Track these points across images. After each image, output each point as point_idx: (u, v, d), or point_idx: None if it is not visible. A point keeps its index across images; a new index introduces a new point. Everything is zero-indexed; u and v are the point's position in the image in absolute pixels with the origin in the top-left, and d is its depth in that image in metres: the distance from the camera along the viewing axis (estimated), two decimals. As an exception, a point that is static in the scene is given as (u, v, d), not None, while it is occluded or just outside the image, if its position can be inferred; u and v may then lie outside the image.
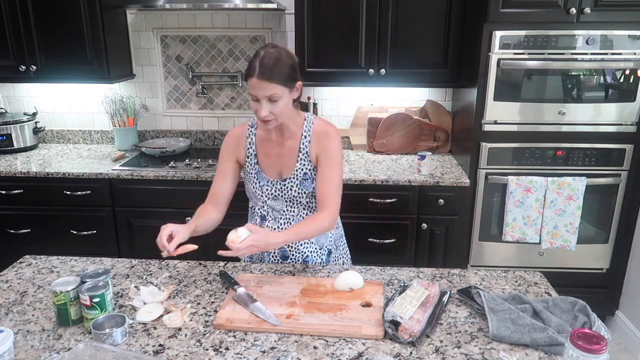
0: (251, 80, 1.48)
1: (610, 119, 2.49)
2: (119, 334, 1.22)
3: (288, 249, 1.72)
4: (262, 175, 1.67)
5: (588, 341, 0.99)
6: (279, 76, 1.47)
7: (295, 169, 1.64)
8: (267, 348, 1.21)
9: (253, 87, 1.48)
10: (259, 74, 1.46)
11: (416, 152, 2.77)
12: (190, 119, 3.25)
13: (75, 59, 2.80)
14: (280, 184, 1.66)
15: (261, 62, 1.47)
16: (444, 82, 2.79)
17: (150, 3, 2.63)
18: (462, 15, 2.62)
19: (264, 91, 1.47)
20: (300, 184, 1.65)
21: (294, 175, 1.64)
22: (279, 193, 1.67)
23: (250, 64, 1.49)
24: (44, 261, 1.67)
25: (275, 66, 1.47)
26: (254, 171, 1.68)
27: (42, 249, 2.67)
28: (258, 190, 1.68)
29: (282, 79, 1.48)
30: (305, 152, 1.64)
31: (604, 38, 2.37)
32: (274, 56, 1.48)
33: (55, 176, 2.66)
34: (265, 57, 1.47)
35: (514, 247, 2.68)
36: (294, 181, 1.65)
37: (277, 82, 1.47)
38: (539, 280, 1.55)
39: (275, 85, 1.47)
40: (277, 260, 1.73)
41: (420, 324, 1.24)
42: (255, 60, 1.48)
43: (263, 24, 3.03)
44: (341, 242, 1.87)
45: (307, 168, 1.64)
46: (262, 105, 1.50)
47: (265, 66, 1.46)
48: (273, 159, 1.67)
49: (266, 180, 1.67)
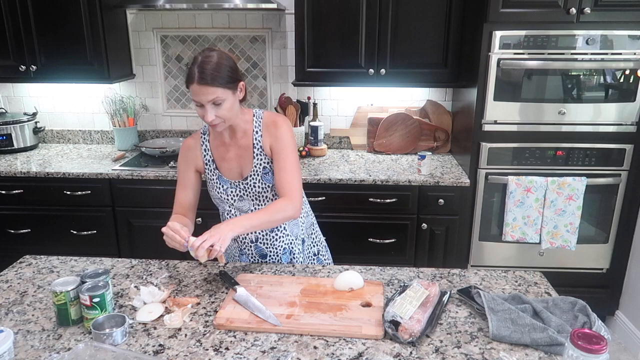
0: (192, 87, 1.47)
1: (610, 119, 2.49)
2: (119, 334, 1.22)
3: (264, 246, 1.73)
4: (224, 179, 1.68)
5: (588, 341, 0.99)
6: (219, 79, 1.47)
7: (254, 166, 1.65)
8: (267, 348, 1.21)
9: (195, 94, 1.48)
10: (199, 79, 1.45)
11: (416, 152, 2.78)
12: (190, 119, 3.25)
13: (75, 59, 2.80)
14: (243, 184, 1.67)
15: (200, 67, 1.46)
16: (444, 82, 2.79)
17: (150, 3, 2.63)
18: (462, 15, 2.63)
19: (206, 96, 1.47)
20: (262, 179, 1.66)
21: (254, 171, 1.65)
22: (244, 193, 1.67)
23: (189, 71, 1.49)
24: (44, 261, 1.67)
25: (214, 70, 1.47)
26: (215, 177, 1.69)
27: (42, 249, 2.67)
28: (223, 194, 1.69)
29: (223, 82, 1.48)
30: (259, 147, 1.65)
31: (604, 38, 2.37)
32: (212, 60, 1.48)
33: (55, 176, 2.66)
34: (204, 62, 1.47)
35: (514, 247, 2.68)
36: (256, 177, 1.65)
37: (218, 85, 1.47)
38: (539, 280, 1.55)
39: (216, 89, 1.47)
40: (256, 259, 1.74)
41: (420, 324, 1.24)
42: (193, 66, 1.48)
43: (263, 24, 3.03)
44: (313, 230, 1.88)
45: (264, 162, 1.66)
46: (207, 110, 1.49)
47: (204, 71, 1.46)
48: (231, 162, 1.68)
49: (229, 183, 1.68)
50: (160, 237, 2.88)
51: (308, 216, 1.86)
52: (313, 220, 1.91)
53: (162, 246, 2.93)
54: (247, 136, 1.66)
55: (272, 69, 3.11)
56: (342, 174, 2.63)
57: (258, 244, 1.73)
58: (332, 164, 2.83)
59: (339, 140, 3.19)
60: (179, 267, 1.64)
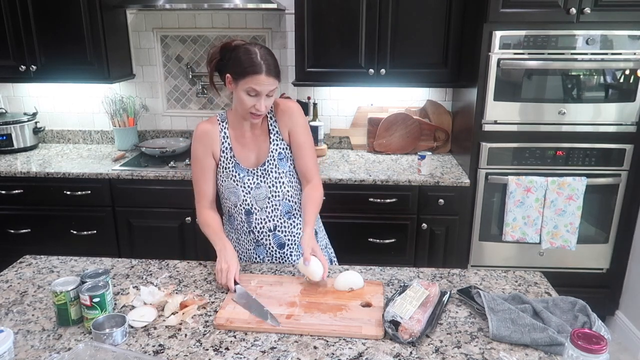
0: (258, 77, 1.49)
1: (610, 119, 2.49)
2: (119, 334, 1.21)
3: (282, 234, 1.72)
4: (241, 167, 1.66)
5: (588, 341, 0.99)
6: (279, 72, 1.55)
7: (270, 151, 1.66)
8: (267, 348, 1.21)
9: (259, 83, 1.49)
10: (268, 71, 1.50)
11: (416, 152, 2.77)
12: (190, 119, 3.25)
13: (75, 59, 2.80)
14: (260, 170, 1.66)
15: (263, 58, 1.50)
16: (444, 82, 2.79)
17: (150, 3, 2.63)
18: (462, 15, 2.63)
19: (269, 86, 1.51)
20: (278, 164, 1.66)
21: (271, 157, 1.66)
22: (261, 180, 1.66)
23: (249, 61, 1.49)
24: (44, 261, 1.67)
25: (276, 63, 1.54)
26: (231, 164, 1.66)
27: (42, 249, 2.67)
28: (239, 183, 1.66)
29: (279, 74, 1.55)
30: (275, 132, 1.67)
31: (604, 38, 2.37)
32: (270, 53, 1.54)
33: (55, 176, 2.66)
34: (265, 54, 1.51)
35: (514, 247, 2.68)
36: (272, 162, 1.66)
37: (277, 77, 1.54)
38: (539, 280, 1.55)
39: (276, 81, 1.53)
40: (274, 250, 1.73)
41: (420, 324, 1.24)
42: (254, 57, 1.50)
43: (263, 24, 3.03)
44: (319, 224, 1.89)
45: (280, 147, 1.67)
46: (261, 101, 1.52)
47: (270, 63, 1.51)
48: (248, 149, 1.68)
49: (246, 171, 1.66)
50: (161, 237, 2.88)
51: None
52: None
53: (162, 246, 2.94)
54: (262, 122, 1.67)
55: (272, 69, 3.11)
56: (342, 174, 2.62)
57: (276, 233, 1.71)
58: (332, 164, 2.83)
59: (339, 140, 3.19)
60: (179, 267, 1.64)
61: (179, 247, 2.74)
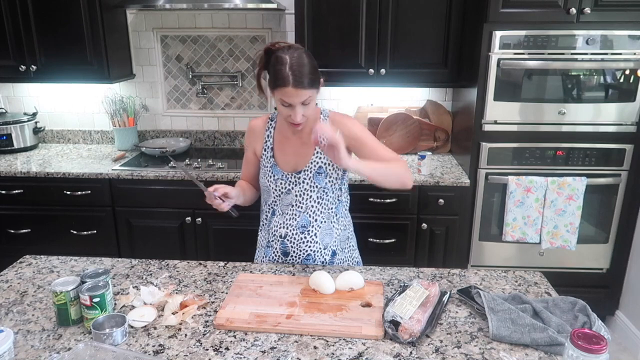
0: (286, 90, 1.46)
1: (610, 119, 2.49)
2: (119, 334, 1.21)
3: (289, 244, 1.70)
4: (277, 169, 1.67)
5: (588, 341, 0.99)
6: (311, 81, 1.48)
7: (310, 162, 1.64)
8: (267, 348, 1.21)
9: (288, 96, 1.47)
10: (295, 83, 1.44)
11: (416, 152, 2.77)
12: (190, 119, 3.25)
13: (75, 59, 2.80)
14: (295, 177, 1.65)
15: (292, 69, 1.45)
16: (444, 82, 2.79)
17: (150, 3, 2.63)
18: (462, 15, 2.63)
19: (299, 98, 1.47)
20: (314, 177, 1.65)
21: (308, 167, 1.64)
22: (292, 186, 1.66)
23: (278, 73, 1.46)
24: (44, 261, 1.67)
25: (308, 72, 1.47)
26: (269, 164, 1.68)
27: (42, 249, 2.67)
28: (272, 184, 1.67)
29: (313, 83, 1.49)
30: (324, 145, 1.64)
31: (604, 38, 2.37)
32: (303, 62, 1.47)
33: (55, 176, 2.66)
34: (295, 64, 1.46)
35: (514, 247, 2.68)
36: (308, 174, 1.65)
37: (310, 87, 1.48)
38: (539, 280, 1.55)
39: (308, 91, 1.48)
40: (278, 255, 1.72)
41: (420, 324, 1.24)
42: (283, 67, 1.45)
43: (263, 24, 3.03)
44: (347, 245, 1.81)
45: (322, 161, 1.64)
46: (296, 111, 1.49)
47: (297, 74, 1.45)
48: (289, 154, 1.67)
49: (281, 174, 1.66)
50: (161, 237, 2.89)
51: (346, 229, 1.79)
52: (350, 234, 1.83)
53: (162, 246, 2.94)
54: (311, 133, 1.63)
55: (272, 69, 3.11)
56: (342, 174, 2.62)
57: (285, 241, 1.70)
58: (332, 164, 2.83)
59: (339, 140, 3.18)
60: (179, 267, 1.64)
61: (179, 247, 2.75)
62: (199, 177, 2.61)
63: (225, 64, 3.12)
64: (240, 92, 3.17)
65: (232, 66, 3.13)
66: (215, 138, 3.25)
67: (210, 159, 2.82)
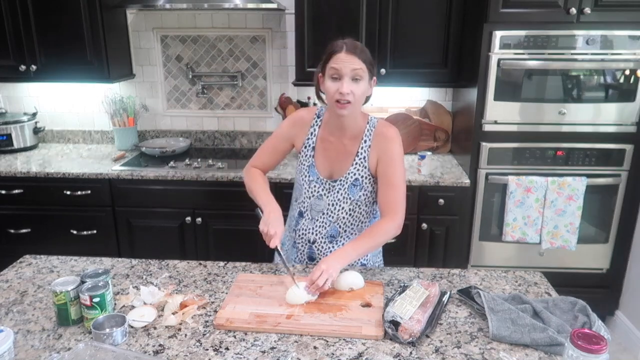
0: (338, 55, 1.48)
1: (610, 119, 2.49)
2: (119, 334, 1.21)
3: (316, 251, 1.69)
4: (314, 171, 1.64)
5: (588, 341, 0.99)
6: (364, 55, 1.49)
7: (347, 172, 1.61)
8: (267, 348, 1.21)
9: (338, 61, 1.47)
10: (348, 49, 1.47)
11: (416, 152, 2.77)
12: (190, 119, 3.25)
13: (75, 58, 2.80)
14: (330, 184, 1.63)
15: (346, 41, 1.50)
16: (444, 82, 2.79)
17: (150, 3, 2.63)
18: (462, 15, 2.63)
19: (351, 64, 1.47)
20: (349, 189, 1.61)
21: (345, 178, 1.61)
22: (325, 193, 1.64)
23: (332, 46, 1.51)
24: (44, 261, 1.67)
25: (360, 46, 1.51)
26: (307, 163, 1.65)
27: (42, 249, 2.66)
28: (306, 184, 1.65)
29: (366, 60, 1.50)
30: (363, 157, 1.60)
31: (604, 38, 2.37)
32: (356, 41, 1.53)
33: (55, 176, 2.66)
34: (349, 40, 1.51)
35: (514, 247, 2.68)
36: (343, 184, 1.61)
37: (362, 60, 1.48)
38: (539, 280, 1.55)
39: (361, 62, 1.48)
40: (304, 258, 1.72)
41: (420, 324, 1.24)
42: (338, 41, 1.51)
43: (263, 24, 3.03)
44: (377, 260, 1.80)
45: (359, 174, 1.61)
46: (344, 83, 1.47)
47: (350, 44, 1.49)
48: (327, 159, 1.64)
49: (316, 177, 1.64)
50: (161, 237, 2.88)
51: None
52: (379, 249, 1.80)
53: (162, 246, 2.93)
54: (354, 141, 1.61)
55: (272, 69, 3.11)
56: (342, 174, 2.62)
57: (313, 247, 1.69)
58: (332, 164, 2.83)
59: (339, 140, 3.18)
60: (179, 267, 1.64)
61: (179, 247, 2.75)
62: (199, 177, 2.61)
63: (225, 64, 3.12)
64: (240, 92, 3.17)
65: (232, 66, 3.13)
66: (215, 138, 3.25)
67: (210, 159, 2.82)
